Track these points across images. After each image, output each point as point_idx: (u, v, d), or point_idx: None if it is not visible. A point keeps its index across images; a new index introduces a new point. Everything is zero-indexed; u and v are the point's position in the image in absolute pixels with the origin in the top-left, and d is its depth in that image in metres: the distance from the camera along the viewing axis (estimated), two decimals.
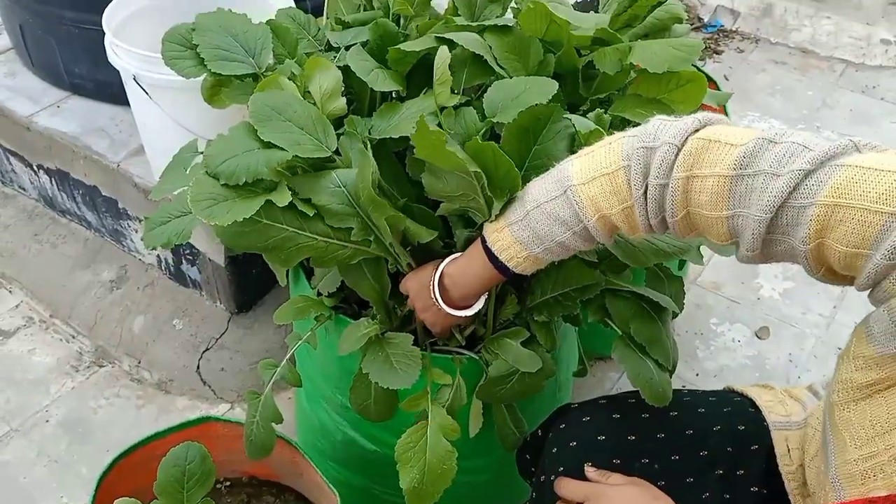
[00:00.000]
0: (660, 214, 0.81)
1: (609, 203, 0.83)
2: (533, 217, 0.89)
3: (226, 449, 1.19)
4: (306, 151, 0.95)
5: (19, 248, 1.97)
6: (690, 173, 0.77)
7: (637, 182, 0.80)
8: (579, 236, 0.88)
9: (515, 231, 0.91)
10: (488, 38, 1.09)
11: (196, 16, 1.11)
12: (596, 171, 0.84)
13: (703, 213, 0.77)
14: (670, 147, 0.78)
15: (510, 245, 0.92)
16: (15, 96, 1.88)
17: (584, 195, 0.84)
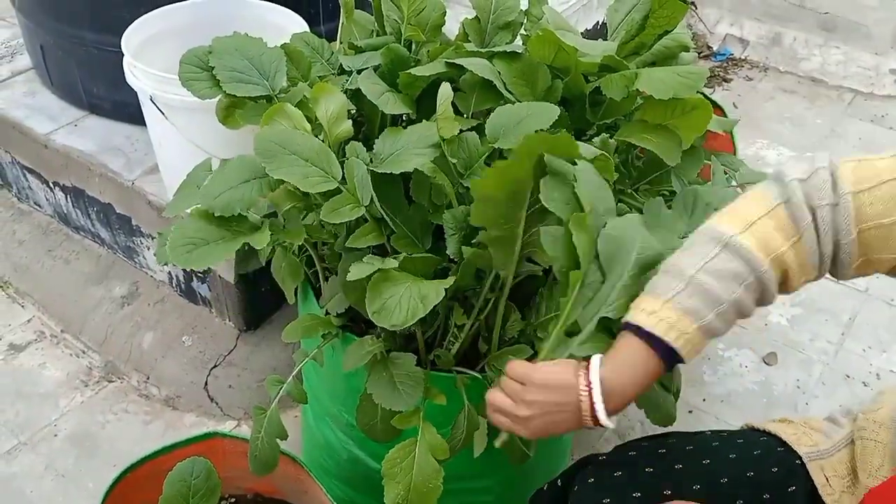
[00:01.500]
0: (834, 238, 0.80)
1: (777, 242, 0.80)
2: (698, 281, 0.80)
3: (231, 465, 1.19)
4: (315, 185, 0.98)
5: (33, 264, 2.00)
6: (857, 189, 0.78)
7: (802, 210, 0.79)
8: (752, 291, 0.81)
9: (680, 302, 0.80)
10: (497, 64, 1.11)
11: (213, 39, 1.14)
12: (750, 218, 0.81)
13: (882, 223, 0.77)
14: (823, 170, 0.79)
15: (677, 321, 0.80)
16: (34, 114, 1.92)
17: (750, 241, 0.80)
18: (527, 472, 1.32)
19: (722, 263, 0.80)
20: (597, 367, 0.83)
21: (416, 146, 1.01)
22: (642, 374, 0.82)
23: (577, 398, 0.83)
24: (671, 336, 0.80)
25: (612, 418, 0.84)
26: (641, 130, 1.08)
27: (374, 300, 0.91)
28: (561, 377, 0.85)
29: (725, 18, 3.17)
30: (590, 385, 0.83)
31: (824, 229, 0.79)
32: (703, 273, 0.80)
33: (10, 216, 2.12)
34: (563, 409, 0.84)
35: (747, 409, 1.77)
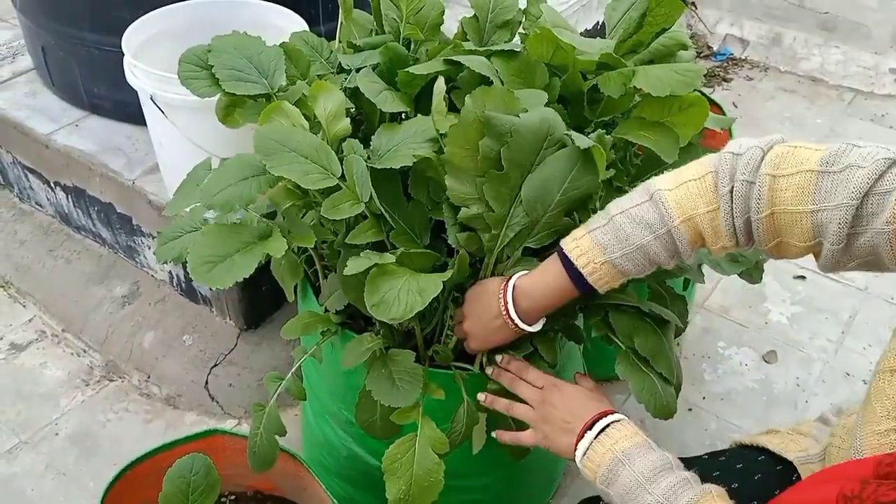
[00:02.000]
0: (745, 214, 0.84)
1: (695, 204, 0.86)
2: (616, 221, 0.90)
3: (231, 462, 1.20)
4: (315, 182, 0.98)
5: (34, 264, 2.01)
6: (777, 172, 0.81)
7: (724, 181, 0.84)
8: (662, 243, 0.88)
9: (596, 235, 0.91)
10: (496, 62, 1.11)
11: (212, 38, 1.14)
12: (683, 178, 0.88)
13: (787, 209, 0.80)
14: (756, 149, 0.83)
15: (589, 249, 0.91)
16: (35, 115, 1.93)
17: (671, 198, 0.87)
18: (525, 471, 1.32)
19: (641, 211, 0.89)
20: (514, 277, 0.99)
21: (414, 141, 1.01)
22: (553, 288, 0.95)
23: (498, 303, 0.98)
24: (581, 262, 0.91)
25: (536, 325, 1.00)
26: (639, 128, 1.08)
27: (373, 294, 0.92)
28: (487, 288, 1.01)
29: (725, 19, 3.17)
30: (505, 290, 0.98)
31: (738, 202, 0.83)
32: (623, 215, 0.89)
33: (12, 216, 2.13)
34: (490, 314, 1.00)
35: (747, 407, 1.77)
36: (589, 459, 0.92)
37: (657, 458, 0.87)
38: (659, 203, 0.87)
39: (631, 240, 0.89)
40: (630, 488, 0.87)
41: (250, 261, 0.95)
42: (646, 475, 0.86)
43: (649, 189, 0.89)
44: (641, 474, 0.86)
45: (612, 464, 0.89)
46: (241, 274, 0.93)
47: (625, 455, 0.88)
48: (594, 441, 0.92)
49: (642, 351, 1.02)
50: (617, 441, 0.90)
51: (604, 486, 0.90)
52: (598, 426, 0.93)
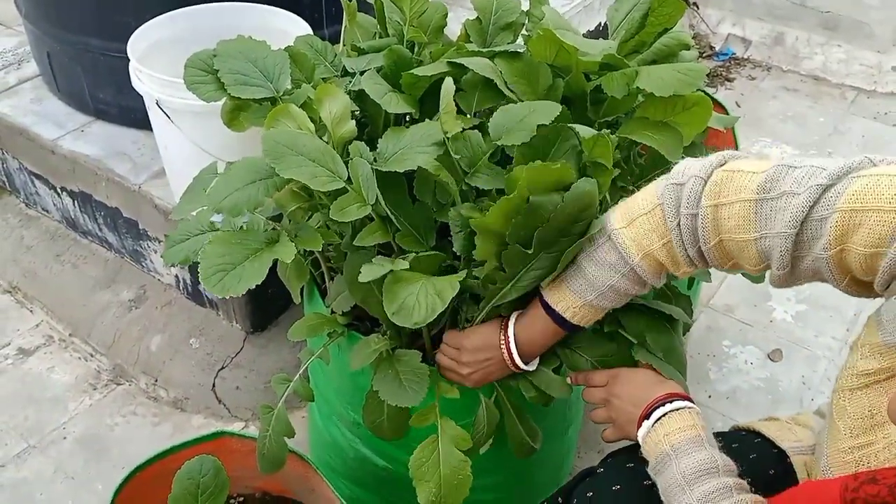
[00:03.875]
0: (695, 244, 0.86)
1: (650, 240, 0.89)
2: (583, 266, 0.95)
3: (239, 464, 1.20)
4: (322, 184, 0.99)
5: (41, 269, 2.02)
6: (718, 201, 0.82)
7: (671, 214, 0.87)
8: (628, 279, 0.93)
9: (570, 283, 0.96)
10: (499, 64, 1.12)
11: (217, 42, 1.15)
12: (635, 213, 0.90)
13: (733, 238, 0.82)
14: (696, 180, 0.84)
15: (565, 297, 0.97)
16: (41, 121, 1.94)
17: (626, 237, 0.91)
18: (533, 468, 1.33)
19: (603, 254, 0.93)
20: (511, 324, 1.04)
21: (420, 144, 1.02)
22: (546, 332, 1.02)
23: (500, 351, 1.04)
24: (560, 308, 0.98)
25: (532, 363, 1.07)
26: (643, 127, 1.09)
27: (392, 301, 0.93)
28: (486, 339, 1.06)
29: (727, 18, 3.17)
30: (507, 339, 1.04)
31: (686, 235, 0.86)
32: (588, 260, 0.95)
33: (18, 222, 2.14)
34: (491, 361, 1.06)
35: (752, 405, 1.77)
36: (645, 448, 0.94)
37: (704, 459, 0.87)
38: (618, 245, 0.91)
39: (600, 281, 0.94)
40: (672, 484, 0.87)
41: (260, 267, 0.95)
42: (688, 476, 0.86)
43: (606, 229, 0.93)
44: (684, 473, 0.86)
45: (660, 456, 0.90)
46: (253, 281, 0.94)
47: (673, 450, 0.89)
48: (650, 430, 0.93)
49: (654, 348, 1.03)
50: (670, 433, 0.91)
51: (653, 474, 0.91)
52: (656, 415, 0.93)
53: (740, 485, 0.86)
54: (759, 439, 1.04)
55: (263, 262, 0.97)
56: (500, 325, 1.05)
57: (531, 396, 1.09)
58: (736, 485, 0.85)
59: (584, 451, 1.65)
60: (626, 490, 0.97)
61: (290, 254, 0.98)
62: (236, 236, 1.00)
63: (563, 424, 1.35)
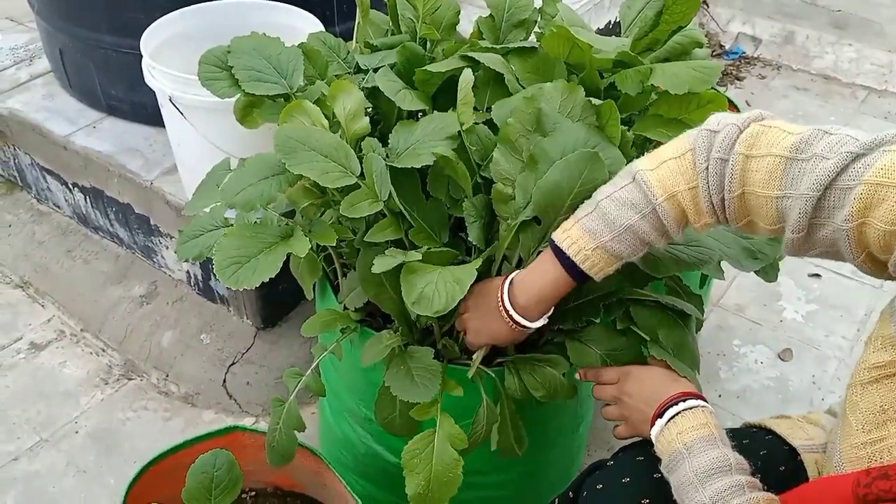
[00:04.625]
0: (720, 192, 0.85)
1: (676, 182, 0.87)
2: (602, 206, 0.91)
3: (251, 459, 1.21)
4: (334, 180, 0.99)
5: (53, 264, 2.03)
6: (750, 152, 0.81)
7: (701, 158, 0.85)
8: (648, 221, 0.89)
9: (585, 223, 0.91)
10: (512, 60, 1.12)
11: (231, 39, 1.15)
12: (664, 157, 0.89)
13: (756, 192, 0.81)
14: (732, 127, 0.84)
15: (578, 238, 0.91)
16: (53, 117, 1.95)
17: (653, 177, 0.88)
18: (542, 467, 1.33)
19: (626, 193, 0.90)
20: (513, 274, 0.99)
21: (432, 138, 1.02)
22: (548, 280, 0.95)
23: (496, 299, 0.99)
24: (572, 251, 0.92)
25: (536, 322, 0.99)
26: (657, 125, 1.09)
27: (411, 291, 0.93)
28: (489, 285, 1.02)
29: (737, 17, 3.16)
30: (503, 287, 0.98)
31: (713, 180, 0.85)
32: (608, 200, 0.90)
33: (30, 217, 2.15)
34: (489, 309, 1.00)
35: (763, 405, 1.77)
36: (658, 446, 0.93)
37: (717, 457, 0.87)
38: (642, 183, 0.88)
39: (619, 222, 0.89)
40: (684, 482, 0.87)
41: (274, 260, 0.96)
42: (700, 474, 0.86)
43: (631, 171, 0.90)
44: (697, 472, 0.86)
45: (673, 454, 0.89)
46: (267, 274, 0.95)
47: (686, 448, 0.89)
48: (663, 429, 0.92)
49: (666, 344, 1.03)
50: (683, 431, 0.90)
51: (666, 473, 0.91)
52: (669, 413, 0.93)
53: (752, 483, 0.86)
54: (770, 436, 1.04)
55: (278, 256, 0.98)
56: (506, 274, 1.01)
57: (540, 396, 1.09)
58: (748, 483, 0.85)
59: (594, 449, 1.65)
60: (634, 482, 0.97)
61: (305, 248, 0.98)
62: (251, 230, 1.01)
63: (574, 422, 1.35)
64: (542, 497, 1.23)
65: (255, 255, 0.97)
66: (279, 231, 1.03)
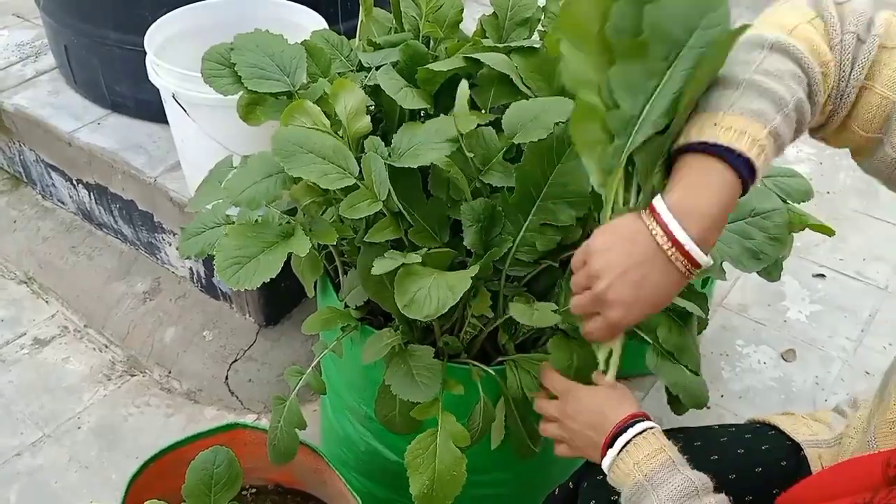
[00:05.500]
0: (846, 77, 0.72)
1: (823, 49, 0.72)
2: (759, 83, 0.70)
3: (252, 456, 1.21)
4: (333, 181, 0.99)
5: (57, 260, 2.03)
6: (885, 43, 0.71)
7: (835, 29, 0.71)
8: (807, 95, 0.72)
9: (745, 106, 0.69)
10: (515, 59, 1.12)
11: (235, 36, 1.16)
12: (790, 25, 0.72)
13: (877, 90, 0.71)
14: (863, 3, 0.73)
15: (747, 125, 0.69)
16: (58, 113, 1.96)
17: (801, 45, 0.71)
18: (543, 465, 1.33)
19: (775, 63, 0.70)
20: (660, 199, 0.71)
21: (434, 140, 1.02)
22: (720, 191, 0.69)
23: (652, 238, 0.70)
24: (745, 144, 0.68)
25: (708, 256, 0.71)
26: None
27: (403, 294, 0.93)
28: (623, 228, 0.73)
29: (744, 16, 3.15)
30: (659, 216, 0.70)
31: (846, 59, 0.71)
32: (762, 75, 0.70)
33: (35, 213, 2.16)
34: (639, 260, 0.71)
35: (766, 405, 1.77)
36: (613, 477, 0.87)
37: (680, 483, 0.82)
38: (790, 50, 0.70)
39: (787, 98, 0.70)
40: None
41: (275, 261, 0.96)
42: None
43: (759, 42, 0.72)
44: (664, 502, 0.81)
45: (635, 487, 0.84)
46: (268, 274, 0.95)
47: (648, 480, 0.83)
48: (616, 459, 0.86)
49: (666, 345, 1.02)
50: (639, 462, 0.84)
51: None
52: (619, 443, 0.86)
53: (720, 499, 0.82)
54: (774, 431, 1.03)
55: (278, 256, 0.98)
56: (635, 213, 0.74)
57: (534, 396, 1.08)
58: (717, 501, 0.82)
59: None
60: None
61: (305, 247, 0.98)
62: (252, 229, 1.01)
63: None
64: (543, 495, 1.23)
65: (256, 255, 0.97)
66: (280, 230, 1.03)
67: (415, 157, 1.02)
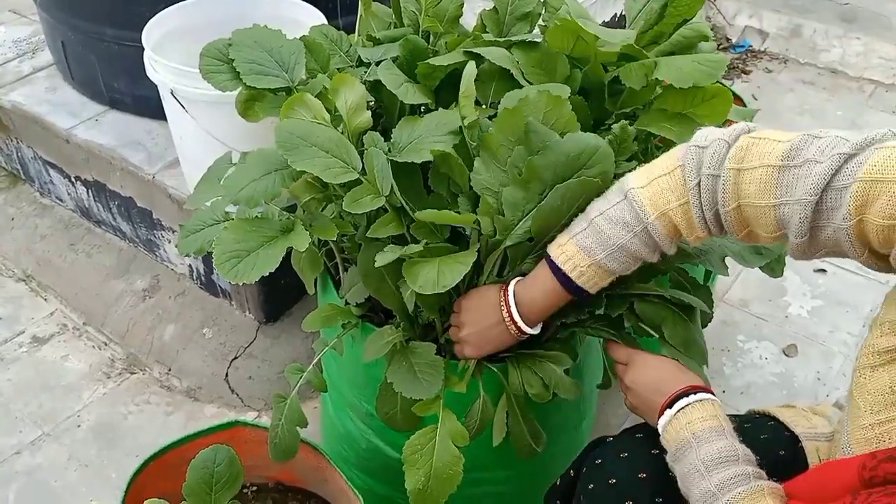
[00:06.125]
0: (713, 207, 0.86)
1: (667, 199, 0.89)
2: (595, 224, 0.93)
3: (253, 454, 1.21)
4: (336, 176, 0.99)
5: (55, 258, 2.03)
6: (741, 166, 0.82)
7: (691, 175, 0.86)
8: (641, 240, 0.91)
9: (579, 240, 0.94)
10: (516, 54, 1.11)
11: (233, 31, 1.15)
12: (654, 174, 0.90)
13: (752, 203, 0.82)
14: (721, 143, 0.85)
15: (574, 255, 0.94)
16: (55, 110, 1.95)
17: (644, 195, 0.90)
18: (545, 463, 1.32)
19: (618, 211, 0.91)
20: (512, 285, 1.01)
21: (434, 134, 1.01)
22: (547, 292, 0.98)
23: (499, 310, 1.01)
24: (567, 267, 0.95)
25: (535, 328, 1.03)
26: (661, 119, 1.08)
27: (415, 278, 0.95)
28: (485, 298, 1.04)
29: (744, 10, 3.14)
30: (507, 297, 1.01)
31: (706, 196, 0.86)
32: (601, 217, 0.93)
33: (33, 210, 2.15)
34: (490, 322, 1.03)
35: (767, 401, 1.76)
36: (665, 436, 0.93)
37: (724, 447, 0.87)
38: (633, 202, 0.90)
39: (611, 240, 0.92)
40: (691, 470, 0.87)
41: (274, 254, 0.95)
42: (707, 462, 0.87)
43: (623, 188, 0.92)
44: (704, 460, 0.87)
45: (681, 443, 0.90)
46: (267, 268, 0.94)
47: (694, 437, 0.89)
48: (672, 419, 0.92)
49: (672, 340, 1.02)
50: (692, 421, 0.91)
51: (672, 462, 0.91)
52: (679, 404, 0.93)
53: (759, 473, 0.86)
54: (773, 422, 1.05)
55: (277, 250, 0.97)
56: (501, 285, 1.03)
57: (534, 394, 1.08)
58: (755, 473, 0.86)
59: None
60: (632, 456, 0.99)
61: (305, 242, 0.98)
62: (251, 224, 1.00)
63: (576, 419, 1.34)
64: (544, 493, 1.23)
65: (255, 249, 0.97)
66: (279, 225, 1.02)
67: (416, 152, 1.02)
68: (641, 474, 0.96)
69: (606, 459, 1.00)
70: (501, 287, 1.03)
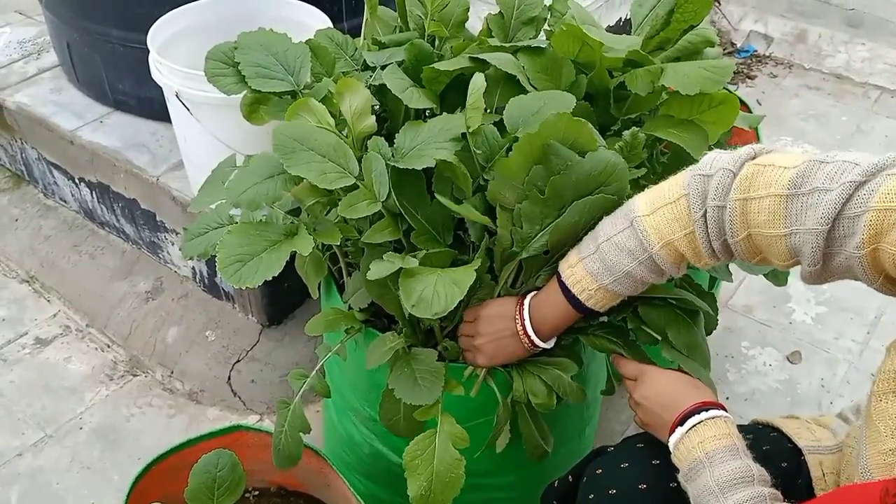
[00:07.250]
0: (721, 237, 0.85)
1: (672, 229, 0.89)
2: (603, 250, 0.94)
3: (255, 458, 1.20)
4: (331, 181, 0.99)
5: (59, 259, 2.03)
6: (747, 195, 0.81)
7: (696, 206, 0.86)
8: (646, 266, 0.92)
9: (587, 264, 0.95)
10: (521, 59, 1.11)
11: (238, 34, 1.14)
12: (659, 202, 0.90)
13: (762, 232, 0.81)
14: (726, 172, 0.84)
15: (582, 278, 0.96)
16: (60, 111, 1.95)
17: (648, 224, 0.90)
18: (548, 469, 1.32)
19: (623, 239, 0.92)
20: (528, 300, 1.03)
21: (437, 140, 1.01)
22: (560, 311, 1.00)
23: (514, 323, 1.03)
24: (576, 290, 0.97)
25: (549, 341, 1.05)
26: (667, 125, 1.07)
27: (410, 295, 0.93)
28: (502, 309, 1.05)
29: (749, 15, 3.13)
30: (522, 311, 1.03)
31: (712, 226, 0.85)
32: (608, 243, 0.94)
33: (37, 212, 2.15)
34: (505, 334, 1.04)
35: (771, 408, 1.75)
36: (677, 453, 0.92)
37: (739, 468, 0.86)
38: (638, 230, 0.91)
39: (618, 267, 0.93)
40: (704, 492, 0.86)
41: (278, 259, 0.95)
42: (722, 484, 0.85)
43: (629, 215, 0.92)
44: (718, 481, 0.85)
45: (693, 463, 0.89)
46: (270, 272, 0.94)
47: (707, 458, 0.88)
48: (683, 436, 0.91)
49: (676, 343, 1.02)
50: (704, 440, 0.89)
51: (684, 481, 0.90)
52: (690, 422, 0.92)
53: (775, 495, 0.85)
54: (776, 433, 1.04)
55: (281, 254, 0.97)
56: (517, 298, 1.05)
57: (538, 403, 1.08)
58: (770, 495, 0.85)
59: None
60: (633, 467, 0.98)
61: (308, 246, 0.97)
62: (255, 227, 1.00)
63: (580, 425, 1.34)
64: None
65: (259, 253, 0.96)
66: (283, 229, 1.02)
67: (418, 158, 1.01)
68: (641, 485, 0.96)
69: (607, 470, 0.99)
70: (518, 300, 1.04)
